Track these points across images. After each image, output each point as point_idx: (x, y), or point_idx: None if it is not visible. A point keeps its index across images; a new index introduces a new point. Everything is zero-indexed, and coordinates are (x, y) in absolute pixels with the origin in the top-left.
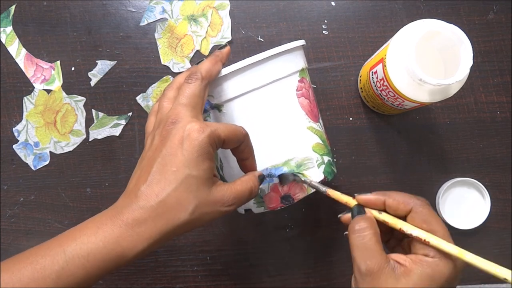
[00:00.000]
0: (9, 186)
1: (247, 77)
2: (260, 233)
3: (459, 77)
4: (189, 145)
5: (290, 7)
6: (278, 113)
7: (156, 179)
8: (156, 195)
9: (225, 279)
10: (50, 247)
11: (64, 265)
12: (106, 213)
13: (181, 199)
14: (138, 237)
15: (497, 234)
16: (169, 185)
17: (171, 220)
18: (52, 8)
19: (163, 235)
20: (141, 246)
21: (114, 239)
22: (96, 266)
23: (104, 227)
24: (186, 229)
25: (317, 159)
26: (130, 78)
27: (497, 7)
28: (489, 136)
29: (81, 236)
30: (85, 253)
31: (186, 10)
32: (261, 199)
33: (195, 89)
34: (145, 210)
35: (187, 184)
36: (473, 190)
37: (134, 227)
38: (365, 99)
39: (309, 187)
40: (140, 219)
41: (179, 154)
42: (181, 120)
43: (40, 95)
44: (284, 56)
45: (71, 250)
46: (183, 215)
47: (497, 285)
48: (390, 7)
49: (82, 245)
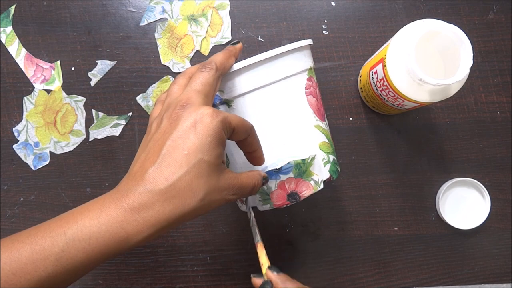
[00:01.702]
0: (9, 186)
1: (257, 73)
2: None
3: (459, 77)
4: (202, 128)
5: (290, 7)
6: (287, 111)
7: (166, 162)
8: (166, 179)
9: (225, 279)
10: (50, 228)
11: (65, 247)
12: (110, 195)
13: (192, 184)
14: (143, 222)
15: (497, 234)
16: (180, 169)
17: (180, 206)
18: (52, 8)
19: (170, 222)
20: (146, 232)
21: (118, 223)
22: (97, 250)
23: (107, 210)
24: (193, 216)
25: (323, 158)
26: (130, 78)
27: (497, 7)
28: (489, 136)
29: (83, 218)
30: (87, 236)
31: (186, 10)
32: (267, 196)
33: (208, 77)
34: (153, 194)
35: (199, 168)
36: (473, 190)
37: (140, 211)
38: (365, 99)
39: (315, 185)
40: (147, 204)
41: (192, 137)
42: (193, 104)
43: (40, 95)
44: (294, 54)
45: (72, 233)
46: (193, 201)
47: (497, 285)
48: (390, 7)
49: (84, 228)
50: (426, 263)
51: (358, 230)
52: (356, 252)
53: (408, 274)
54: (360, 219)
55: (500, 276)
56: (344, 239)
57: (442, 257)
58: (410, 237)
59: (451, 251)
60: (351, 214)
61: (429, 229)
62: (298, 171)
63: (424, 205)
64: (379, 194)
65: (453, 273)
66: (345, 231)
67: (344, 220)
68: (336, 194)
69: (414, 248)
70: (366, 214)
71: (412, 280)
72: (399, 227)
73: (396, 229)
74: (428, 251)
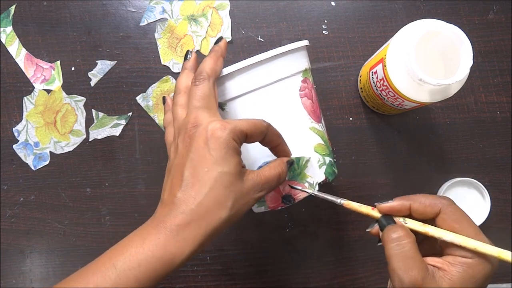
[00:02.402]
0: (9, 186)
1: (250, 76)
2: (260, 233)
3: (459, 77)
4: (214, 143)
5: (290, 7)
6: (281, 113)
7: (190, 183)
8: (194, 198)
9: (225, 279)
10: (99, 264)
11: (117, 279)
12: (148, 225)
13: (219, 197)
14: (184, 241)
15: (497, 234)
16: (204, 186)
17: (214, 220)
18: (52, 8)
19: (208, 236)
20: (188, 250)
21: (162, 246)
22: (147, 276)
23: (149, 236)
24: (228, 225)
25: (318, 160)
26: (130, 78)
27: (497, 7)
28: (489, 136)
29: (128, 249)
30: (136, 264)
31: (186, 10)
32: (262, 198)
33: (204, 89)
34: (186, 214)
35: (221, 181)
36: (473, 190)
37: (179, 232)
38: (365, 99)
39: (310, 187)
40: (183, 224)
41: (207, 155)
42: (201, 122)
43: (40, 95)
44: (287, 56)
45: (122, 264)
46: (223, 212)
47: (497, 285)
48: (390, 7)
49: (131, 257)
50: None
51: (358, 230)
52: (356, 252)
53: None
54: (360, 219)
55: (500, 276)
56: (344, 239)
57: None
58: None
59: None
60: (351, 214)
61: None
62: (292, 173)
63: None
64: (379, 194)
65: None
66: (345, 231)
67: (344, 220)
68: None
69: None
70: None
71: None
72: None
73: None
74: None
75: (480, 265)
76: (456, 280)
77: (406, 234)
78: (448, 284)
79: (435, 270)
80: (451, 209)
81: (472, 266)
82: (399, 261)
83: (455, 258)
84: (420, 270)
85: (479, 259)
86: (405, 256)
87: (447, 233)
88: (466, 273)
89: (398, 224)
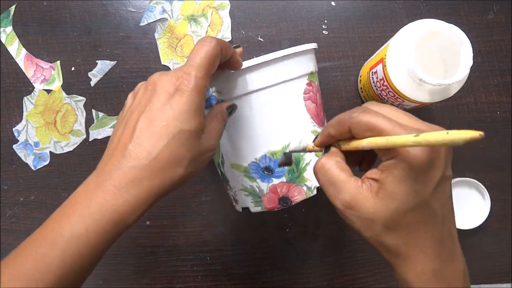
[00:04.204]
0: (9, 186)
1: (256, 76)
2: (260, 233)
3: (459, 77)
4: (179, 98)
5: (290, 7)
6: (284, 115)
7: (145, 136)
8: (148, 153)
9: (225, 279)
10: (45, 233)
11: (65, 247)
12: (93, 180)
13: (175, 154)
14: (135, 200)
15: (497, 234)
16: (161, 141)
17: (168, 178)
18: (52, 8)
19: (161, 194)
20: (140, 210)
21: (110, 208)
22: (98, 239)
23: (96, 197)
24: (182, 183)
25: None
26: (130, 78)
27: (497, 7)
28: (489, 136)
29: (74, 213)
30: (83, 230)
31: (186, 10)
32: (259, 198)
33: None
34: (138, 170)
35: (179, 138)
36: (473, 190)
37: (130, 190)
38: (365, 99)
39: (308, 191)
40: (135, 181)
41: (168, 109)
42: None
43: (40, 95)
44: (294, 58)
45: (69, 231)
46: (179, 170)
47: (497, 285)
48: (390, 7)
49: (78, 224)
50: None
51: None
52: (356, 252)
53: None
54: None
55: (500, 276)
56: (344, 239)
57: None
58: None
59: None
60: None
61: None
62: (291, 176)
63: None
64: None
65: None
66: (345, 231)
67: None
68: None
69: None
70: None
71: None
72: None
73: None
74: None
75: (402, 162)
76: (390, 186)
77: (326, 160)
78: (384, 193)
79: (372, 183)
80: (357, 120)
81: (395, 166)
82: (328, 189)
83: (384, 164)
84: (347, 190)
85: (398, 156)
86: (330, 182)
87: (364, 140)
88: (393, 176)
89: (327, 153)
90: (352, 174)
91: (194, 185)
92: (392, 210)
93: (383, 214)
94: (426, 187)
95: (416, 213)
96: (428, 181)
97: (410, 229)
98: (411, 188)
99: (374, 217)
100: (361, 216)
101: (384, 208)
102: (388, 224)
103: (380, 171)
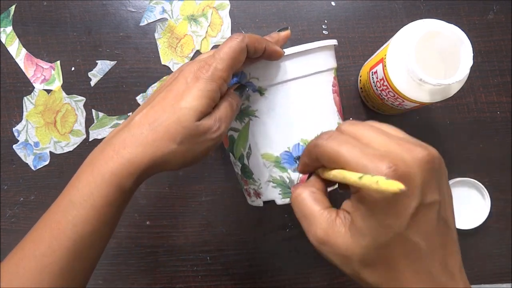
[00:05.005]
0: (9, 186)
1: (293, 65)
2: (260, 233)
3: (459, 77)
4: (193, 81)
5: (290, 7)
6: (316, 105)
7: (152, 111)
8: (149, 124)
9: (225, 279)
10: (58, 202)
11: (75, 212)
12: (98, 148)
13: (171, 128)
14: (129, 164)
15: (497, 234)
16: (163, 115)
17: (160, 148)
18: (52, 8)
19: (154, 162)
20: (134, 175)
21: (109, 170)
22: (102, 202)
23: (98, 163)
24: (177, 159)
25: None
26: (130, 78)
27: (497, 7)
28: (489, 136)
29: (80, 180)
30: (89, 193)
31: (186, 10)
32: (288, 189)
33: (235, 45)
34: (136, 137)
35: (178, 114)
36: (473, 190)
37: (125, 155)
38: (365, 99)
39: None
40: (131, 147)
41: (181, 89)
42: (192, 62)
43: (40, 95)
44: (325, 51)
45: (77, 197)
46: (172, 145)
47: (497, 285)
48: (390, 7)
49: (84, 188)
50: None
51: None
52: None
53: None
54: None
55: (500, 276)
56: None
57: None
58: None
59: None
60: None
61: None
62: None
63: None
64: None
65: None
66: None
67: None
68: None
69: None
70: None
71: None
72: None
73: None
74: None
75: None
76: (356, 222)
77: (302, 190)
78: (351, 229)
79: (346, 217)
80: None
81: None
82: (301, 222)
83: (352, 195)
84: (320, 225)
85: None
86: (303, 214)
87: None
88: (360, 211)
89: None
90: (327, 206)
91: (194, 185)
92: (364, 247)
93: (357, 251)
94: (399, 219)
95: (393, 248)
96: (400, 213)
97: (389, 265)
98: (381, 222)
99: (348, 254)
100: (336, 253)
101: (356, 245)
102: (364, 261)
103: (351, 204)
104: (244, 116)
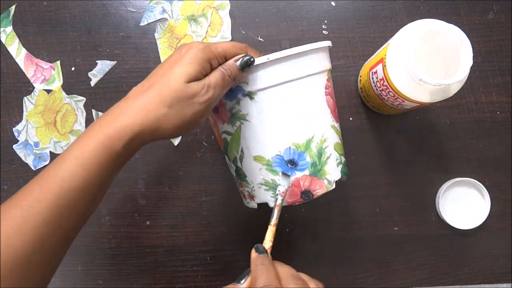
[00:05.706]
0: (9, 186)
1: (282, 69)
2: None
3: (459, 77)
4: (187, 51)
5: (290, 7)
6: (307, 108)
7: (148, 80)
8: (144, 91)
9: (225, 279)
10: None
11: (65, 167)
12: (100, 117)
13: (162, 92)
14: (121, 127)
15: (497, 234)
16: (156, 82)
17: (152, 111)
18: (52, 8)
19: (146, 126)
20: (125, 137)
21: (102, 132)
22: (90, 160)
23: (92, 129)
24: (169, 123)
25: (337, 158)
26: (130, 78)
27: (497, 7)
28: (489, 136)
29: (76, 146)
30: (80, 152)
31: (186, 10)
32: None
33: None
34: (130, 103)
35: (168, 78)
36: (473, 190)
37: (119, 118)
38: (365, 99)
39: (328, 184)
40: (124, 111)
41: (176, 59)
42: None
43: (40, 95)
44: (317, 54)
45: (69, 156)
46: (162, 106)
47: (497, 285)
48: (390, 7)
49: (77, 148)
50: (426, 263)
51: (358, 230)
52: (356, 252)
53: (408, 274)
54: (360, 219)
55: (500, 276)
56: (344, 239)
57: (442, 257)
58: (410, 237)
59: (451, 251)
60: (351, 214)
61: (429, 229)
62: (314, 169)
63: (424, 205)
64: (379, 194)
65: (453, 273)
66: (345, 231)
67: (344, 220)
68: (336, 194)
69: (414, 248)
70: (366, 214)
71: (412, 280)
72: (399, 227)
73: (396, 229)
74: (428, 251)
75: None
76: None
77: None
78: None
79: None
80: None
81: None
82: None
83: None
84: None
85: None
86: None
87: None
88: None
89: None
90: None
91: (194, 185)
92: None
93: None
94: None
95: None
96: None
97: None
98: None
99: None
100: None
101: None
102: None
103: None
104: (236, 120)
